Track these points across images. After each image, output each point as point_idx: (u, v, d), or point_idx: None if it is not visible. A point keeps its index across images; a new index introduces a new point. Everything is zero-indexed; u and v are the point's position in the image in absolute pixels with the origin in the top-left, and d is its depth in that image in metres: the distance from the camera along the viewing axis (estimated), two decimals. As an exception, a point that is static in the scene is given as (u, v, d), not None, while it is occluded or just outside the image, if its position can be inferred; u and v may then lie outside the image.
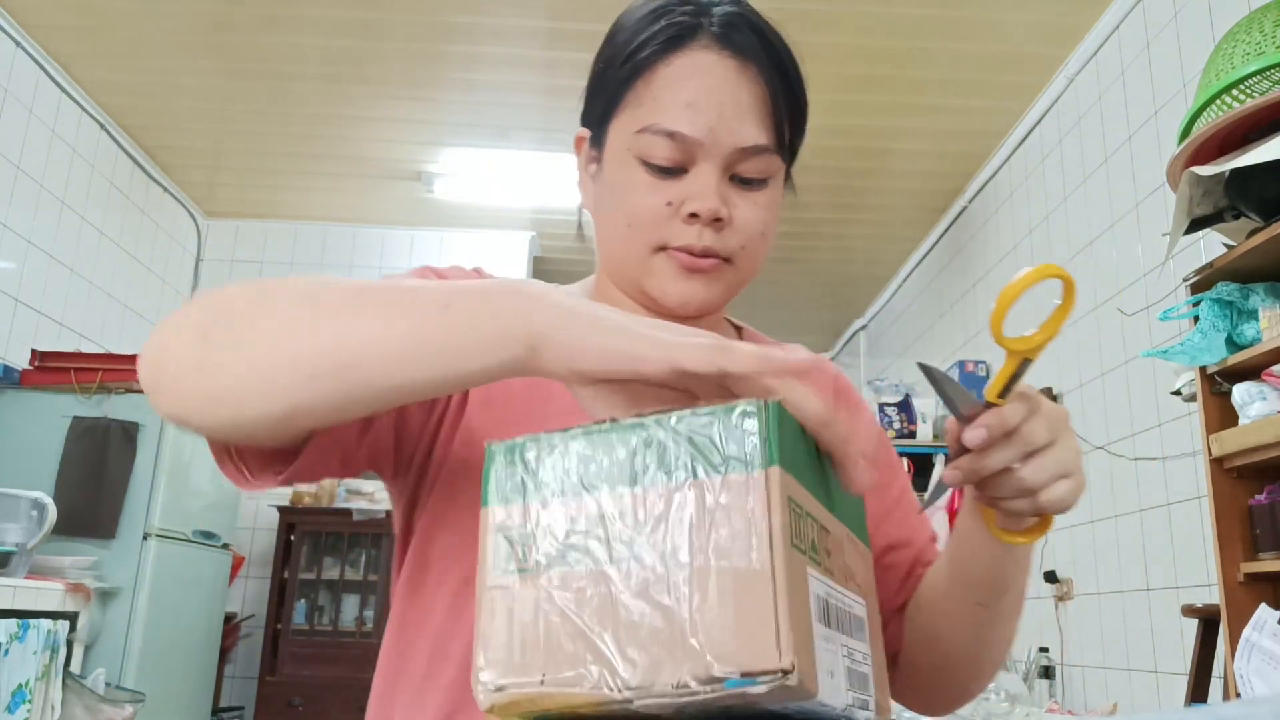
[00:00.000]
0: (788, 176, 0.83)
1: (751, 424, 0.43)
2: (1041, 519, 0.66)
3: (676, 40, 0.76)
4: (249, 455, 0.64)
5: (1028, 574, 0.76)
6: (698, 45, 0.76)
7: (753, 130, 0.76)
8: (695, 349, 0.48)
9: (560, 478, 0.46)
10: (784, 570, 0.41)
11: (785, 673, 0.39)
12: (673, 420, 0.45)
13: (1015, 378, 0.60)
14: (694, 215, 0.75)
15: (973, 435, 0.60)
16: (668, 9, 0.77)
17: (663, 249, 0.77)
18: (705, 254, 0.76)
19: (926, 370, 0.65)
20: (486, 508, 0.46)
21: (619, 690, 0.41)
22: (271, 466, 0.64)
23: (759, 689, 0.39)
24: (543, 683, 0.42)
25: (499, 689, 0.43)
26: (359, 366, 0.55)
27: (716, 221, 0.76)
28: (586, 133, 0.83)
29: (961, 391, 0.61)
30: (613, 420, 0.46)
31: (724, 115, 0.75)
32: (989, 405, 0.61)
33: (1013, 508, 0.63)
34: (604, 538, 0.44)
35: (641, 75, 0.76)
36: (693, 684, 0.40)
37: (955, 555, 0.77)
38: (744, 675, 0.40)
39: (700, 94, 0.75)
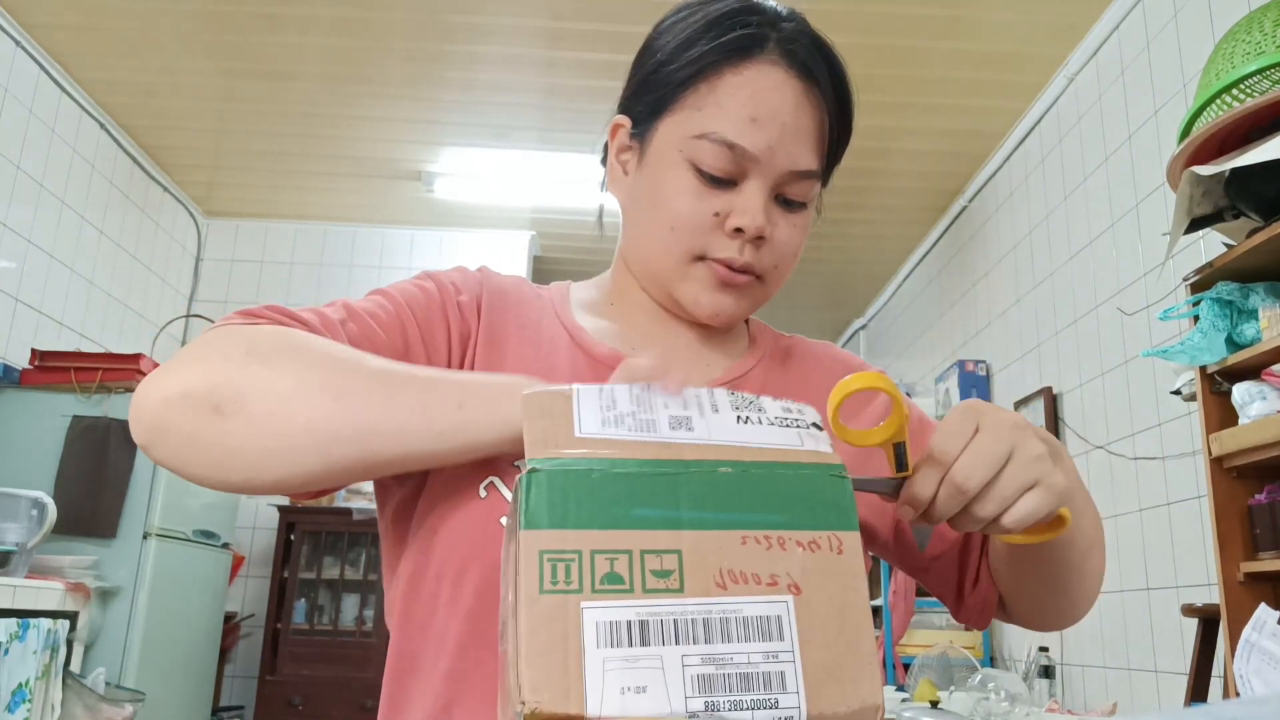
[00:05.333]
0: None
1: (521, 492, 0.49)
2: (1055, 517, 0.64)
3: (745, 49, 0.75)
4: None
5: (1088, 536, 0.73)
6: (766, 58, 0.76)
7: (807, 155, 0.77)
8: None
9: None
10: (526, 617, 0.46)
11: (522, 703, 0.45)
12: None
13: (899, 456, 0.61)
14: (739, 230, 0.75)
15: (904, 514, 0.62)
16: (735, 14, 0.77)
17: (701, 258, 0.77)
18: (743, 270, 0.77)
19: None
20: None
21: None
22: None
23: None
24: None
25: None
26: (380, 447, 0.61)
27: (758, 239, 0.76)
28: (626, 120, 0.82)
29: (870, 481, 0.61)
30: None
31: (784, 136, 0.75)
32: (900, 478, 0.62)
33: (994, 533, 0.64)
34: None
35: (705, 78, 0.76)
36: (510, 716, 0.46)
37: (998, 566, 0.78)
38: (516, 712, 0.45)
39: (764, 110, 0.74)
